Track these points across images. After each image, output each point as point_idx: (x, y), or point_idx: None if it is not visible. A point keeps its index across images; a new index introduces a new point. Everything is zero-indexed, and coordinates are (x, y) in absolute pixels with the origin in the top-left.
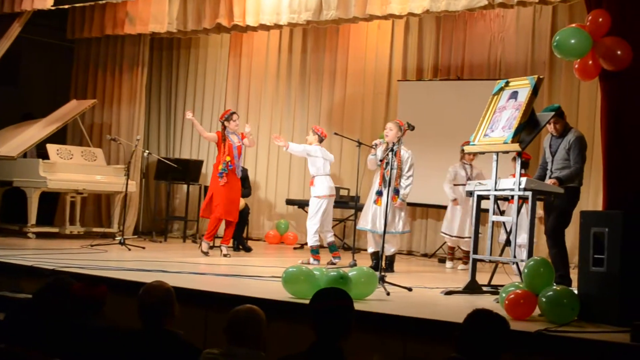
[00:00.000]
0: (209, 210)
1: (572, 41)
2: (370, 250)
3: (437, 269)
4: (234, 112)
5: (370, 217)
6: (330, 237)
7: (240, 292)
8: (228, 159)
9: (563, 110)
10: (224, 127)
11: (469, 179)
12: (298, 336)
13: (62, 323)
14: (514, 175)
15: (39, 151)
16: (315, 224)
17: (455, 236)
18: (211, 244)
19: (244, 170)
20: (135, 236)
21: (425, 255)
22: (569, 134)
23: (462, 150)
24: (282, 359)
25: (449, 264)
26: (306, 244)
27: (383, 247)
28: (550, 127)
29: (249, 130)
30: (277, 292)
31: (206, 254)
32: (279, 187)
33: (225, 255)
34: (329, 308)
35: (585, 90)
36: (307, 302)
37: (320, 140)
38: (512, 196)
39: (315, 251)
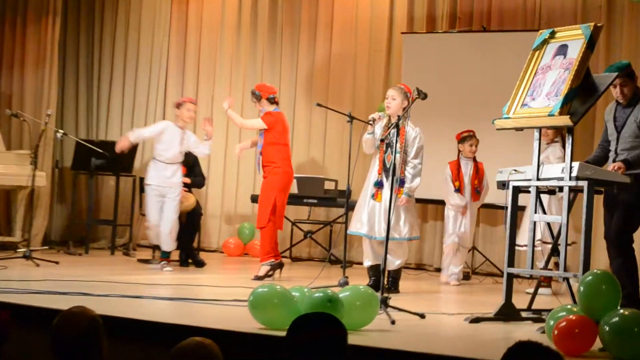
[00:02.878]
0: None
1: None
2: (367, 263)
3: (457, 287)
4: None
5: (367, 218)
6: None
7: (192, 322)
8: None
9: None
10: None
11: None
12: None
13: None
14: None
15: None
16: None
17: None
18: (277, 263)
19: (191, 155)
20: (46, 247)
21: (440, 269)
22: None
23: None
24: None
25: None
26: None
27: (385, 258)
28: (616, 92)
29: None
30: (243, 320)
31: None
32: (242, 179)
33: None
34: (314, 340)
35: None
36: (283, 333)
37: None
38: (561, 187)
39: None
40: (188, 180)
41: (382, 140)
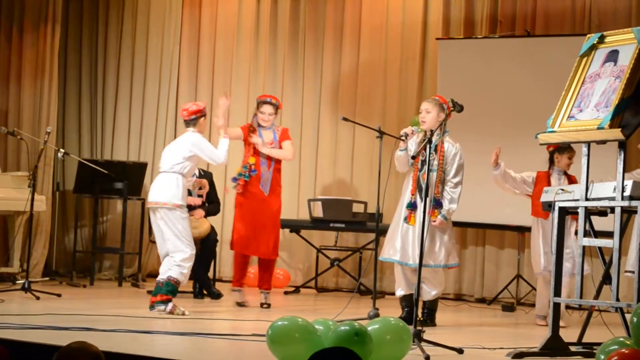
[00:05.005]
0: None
1: None
2: (400, 293)
3: (499, 320)
4: (265, 100)
5: (400, 243)
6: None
7: (207, 359)
8: (252, 160)
9: None
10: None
11: None
12: None
13: None
14: None
15: None
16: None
17: None
18: (241, 290)
19: (207, 175)
20: (47, 278)
21: (482, 300)
22: None
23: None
24: None
25: None
26: (301, 286)
27: (419, 286)
28: None
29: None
30: (261, 357)
31: (240, 304)
32: None
33: (262, 305)
34: None
35: None
36: None
37: None
38: (613, 208)
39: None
40: (202, 213)
41: (414, 157)
